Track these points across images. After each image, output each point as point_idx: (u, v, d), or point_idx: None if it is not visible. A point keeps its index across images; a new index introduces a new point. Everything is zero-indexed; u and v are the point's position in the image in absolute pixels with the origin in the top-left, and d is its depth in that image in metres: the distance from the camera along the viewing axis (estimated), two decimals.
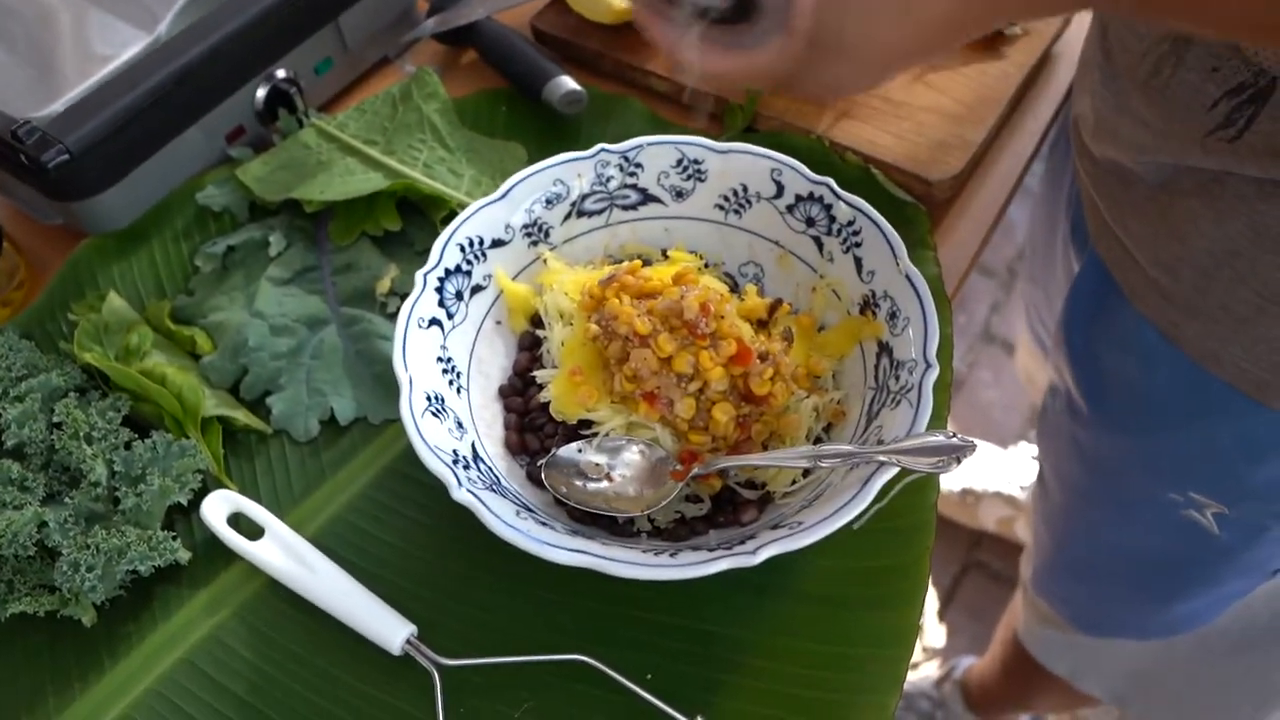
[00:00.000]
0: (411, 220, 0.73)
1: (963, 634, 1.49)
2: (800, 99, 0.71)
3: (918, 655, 1.47)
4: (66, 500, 0.58)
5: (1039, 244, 0.89)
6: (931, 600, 1.52)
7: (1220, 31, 0.44)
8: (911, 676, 1.42)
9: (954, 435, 0.49)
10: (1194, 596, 0.78)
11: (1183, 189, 0.56)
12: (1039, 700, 1.16)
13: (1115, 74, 0.58)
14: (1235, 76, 0.50)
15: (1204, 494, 0.67)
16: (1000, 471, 1.51)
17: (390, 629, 0.54)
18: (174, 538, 0.58)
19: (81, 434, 0.59)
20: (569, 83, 0.77)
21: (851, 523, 0.50)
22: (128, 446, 0.60)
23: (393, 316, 0.66)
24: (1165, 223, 0.58)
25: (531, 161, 0.75)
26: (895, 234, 0.58)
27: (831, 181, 0.61)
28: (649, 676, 0.54)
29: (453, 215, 0.68)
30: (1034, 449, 1.56)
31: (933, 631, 1.49)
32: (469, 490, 0.50)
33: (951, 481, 1.52)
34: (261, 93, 0.77)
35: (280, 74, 0.77)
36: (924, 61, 0.40)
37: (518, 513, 0.50)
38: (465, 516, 0.50)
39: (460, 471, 0.51)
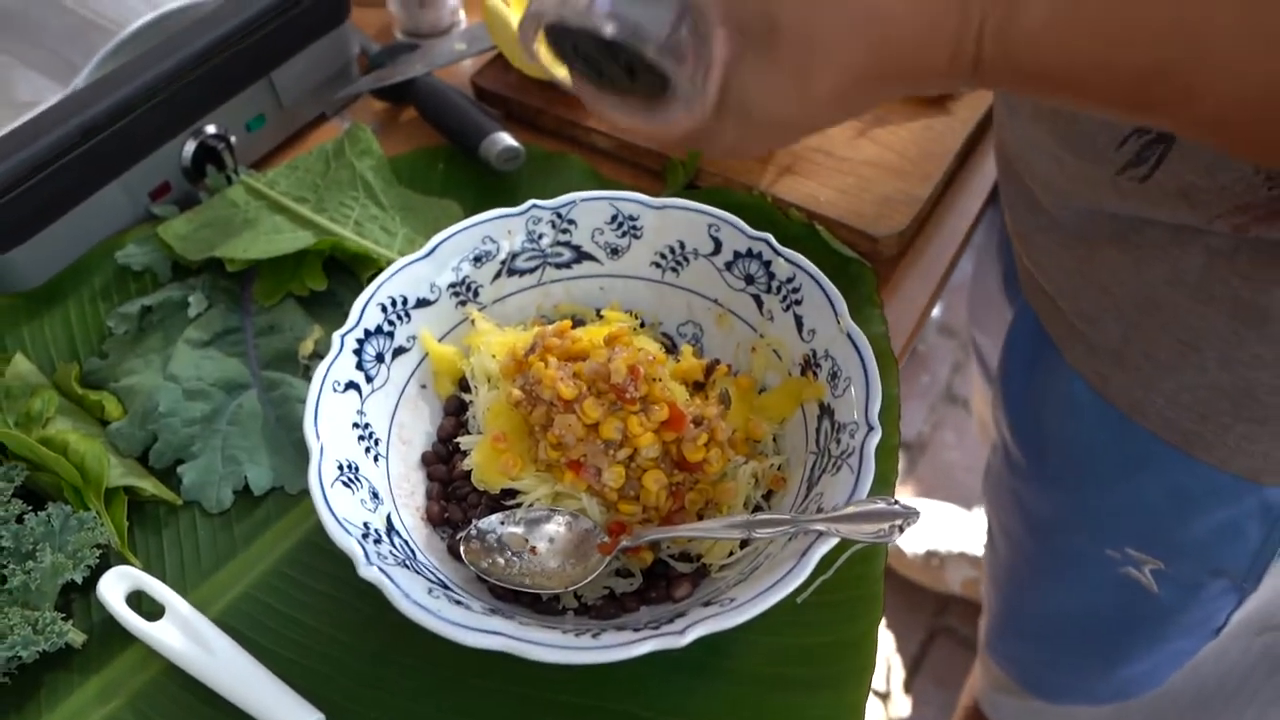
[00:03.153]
0: (340, 280, 0.70)
1: (930, 704, 1.45)
2: (714, 155, 0.70)
3: None
4: None
5: (979, 290, 0.88)
6: (897, 669, 1.48)
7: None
8: None
9: (895, 502, 0.46)
10: (1140, 658, 0.76)
11: (1101, 237, 0.55)
12: None
13: (1018, 110, 0.58)
14: None
15: (1141, 550, 0.66)
16: (964, 532, 1.49)
17: (294, 718, 0.50)
18: (65, 619, 0.54)
19: None
20: (505, 139, 0.75)
21: (794, 596, 0.47)
22: (20, 520, 0.56)
23: None
24: (1086, 273, 0.57)
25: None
26: (836, 291, 0.56)
27: (770, 237, 0.59)
28: None
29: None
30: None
31: (899, 702, 1.45)
32: (377, 566, 0.46)
33: (915, 544, 1.49)
34: (189, 149, 0.74)
35: (210, 130, 0.75)
36: (829, 126, 0.41)
37: (430, 591, 0.47)
38: (381, 594, 0.46)
39: (370, 546, 0.48)
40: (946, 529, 1.50)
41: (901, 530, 0.46)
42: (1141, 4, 0.32)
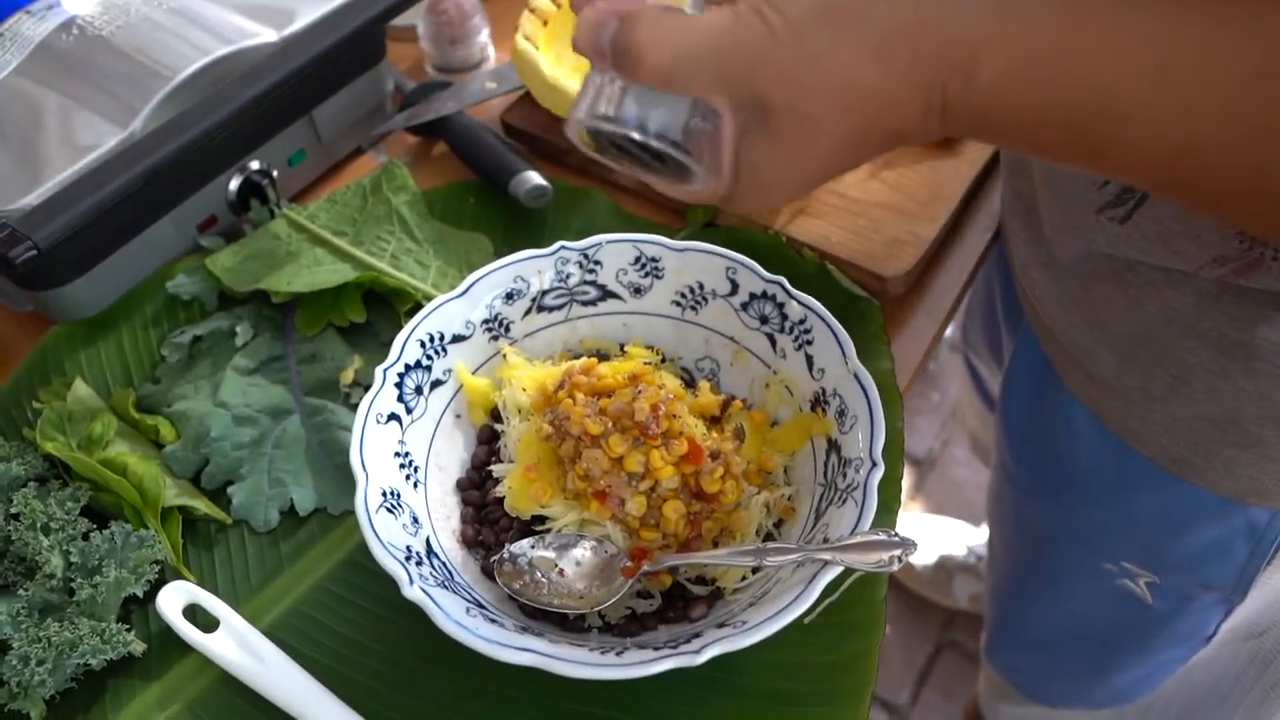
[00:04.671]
0: (377, 311, 0.75)
1: (936, 715, 1.48)
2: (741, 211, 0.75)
3: None
4: (20, 592, 0.58)
5: (978, 315, 0.92)
6: (905, 681, 1.51)
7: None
8: None
9: (894, 535, 0.50)
10: (1134, 665, 0.81)
11: (1098, 274, 0.59)
12: None
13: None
14: None
15: (1135, 564, 0.70)
16: (972, 548, 1.52)
17: None
18: (128, 629, 0.58)
19: (39, 525, 0.59)
20: (535, 178, 0.79)
21: (802, 618, 0.51)
22: (86, 537, 0.61)
23: (355, 407, 0.66)
24: (1081, 308, 0.61)
25: (497, 253, 0.77)
26: (844, 333, 0.60)
27: (784, 280, 0.63)
28: None
29: (418, 307, 0.70)
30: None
31: (906, 713, 1.48)
32: (420, 587, 0.50)
33: (924, 559, 1.53)
34: (234, 184, 0.79)
35: (254, 165, 0.79)
36: (838, 176, 0.47)
37: (468, 610, 0.51)
38: (419, 610, 0.50)
39: (413, 568, 0.52)
40: (955, 545, 1.53)
41: (900, 560, 0.50)
42: (1065, 73, 0.38)
